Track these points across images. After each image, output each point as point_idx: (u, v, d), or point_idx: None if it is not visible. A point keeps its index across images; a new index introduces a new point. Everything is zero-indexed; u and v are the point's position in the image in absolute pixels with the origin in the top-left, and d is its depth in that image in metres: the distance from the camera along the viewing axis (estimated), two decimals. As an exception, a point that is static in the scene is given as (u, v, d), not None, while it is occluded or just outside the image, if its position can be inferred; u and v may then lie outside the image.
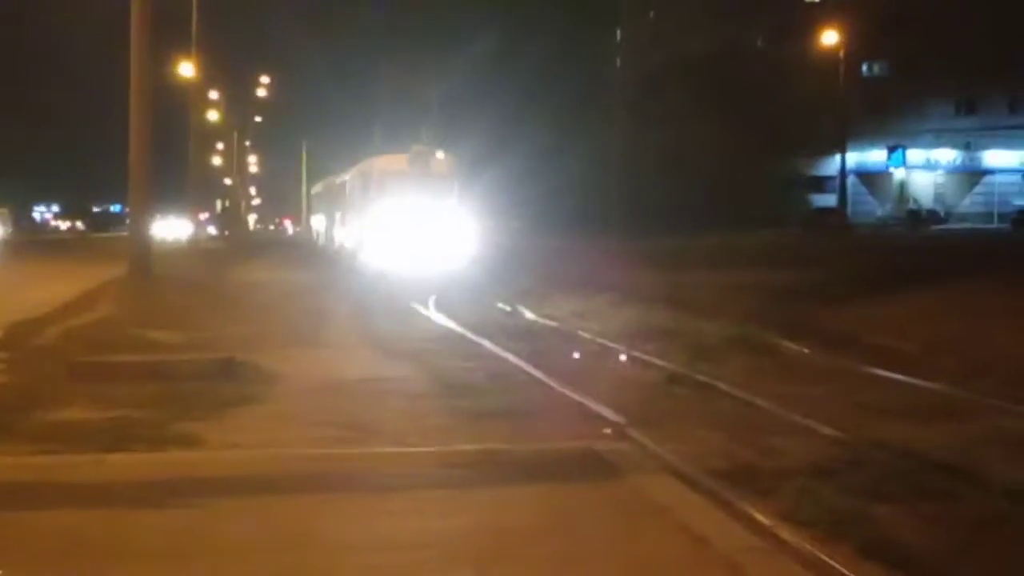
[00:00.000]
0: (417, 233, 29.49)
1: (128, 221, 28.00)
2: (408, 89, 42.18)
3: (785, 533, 7.25)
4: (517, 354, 15.67)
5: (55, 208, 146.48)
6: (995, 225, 70.20)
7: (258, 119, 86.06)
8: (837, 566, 6.68)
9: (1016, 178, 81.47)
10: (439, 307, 22.77)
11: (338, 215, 42.40)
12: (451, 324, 19.71)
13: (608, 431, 10.30)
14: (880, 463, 9.45)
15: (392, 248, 29.64)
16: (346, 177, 39.69)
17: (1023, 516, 8.05)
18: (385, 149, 35.52)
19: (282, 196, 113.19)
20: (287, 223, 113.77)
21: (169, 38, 39.69)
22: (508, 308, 23.44)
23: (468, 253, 29.96)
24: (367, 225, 31.93)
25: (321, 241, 52.34)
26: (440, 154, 32.16)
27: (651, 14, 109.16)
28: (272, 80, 77.65)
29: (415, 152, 31.31)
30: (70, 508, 7.00)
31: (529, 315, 22.54)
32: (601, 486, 7.81)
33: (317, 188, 59.23)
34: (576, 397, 12.20)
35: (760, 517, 7.56)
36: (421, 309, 22.68)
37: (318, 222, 56.09)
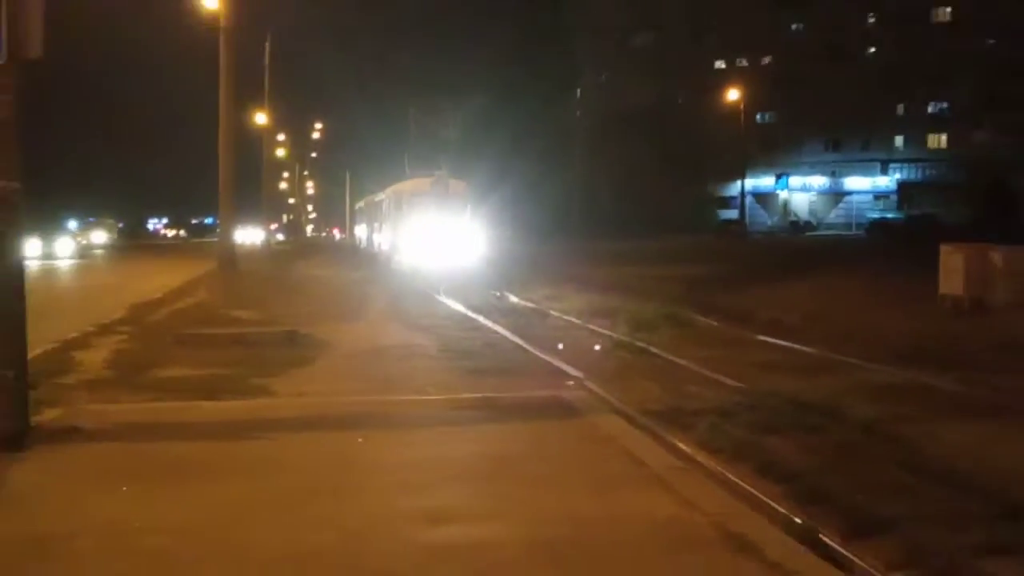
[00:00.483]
0: (437, 240, 29.13)
1: (218, 230, 28.20)
2: (430, 129, 39.86)
3: (700, 457, 7.28)
4: (504, 327, 15.68)
5: (164, 220, 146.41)
6: (853, 232, 70.26)
7: (313, 155, 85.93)
8: (738, 480, 6.70)
9: (868, 198, 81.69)
10: (449, 294, 22.46)
11: (376, 225, 41.14)
12: (458, 306, 19.67)
13: (571, 383, 10.34)
14: (770, 406, 9.46)
15: (419, 251, 29.31)
16: (383, 196, 38.39)
17: (871, 442, 8.09)
18: (413, 175, 34.28)
19: (331, 211, 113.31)
20: (335, 231, 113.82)
21: (249, 94, 39.50)
22: (499, 294, 23.36)
23: (475, 255, 29.43)
24: (400, 233, 31.36)
25: (363, 245, 49.78)
26: (455, 180, 31.53)
27: (602, 77, 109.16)
28: (324, 125, 77.57)
29: (437, 178, 30.79)
30: (177, 440, 7.03)
31: (513, 299, 22.51)
32: (566, 423, 7.84)
33: (360, 204, 56.11)
34: (547, 358, 12.26)
35: (681, 445, 7.59)
36: (436, 295, 22.39)
37: (360, 230, 53.41)
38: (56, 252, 38.61)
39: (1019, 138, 69.71)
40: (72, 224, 53.07)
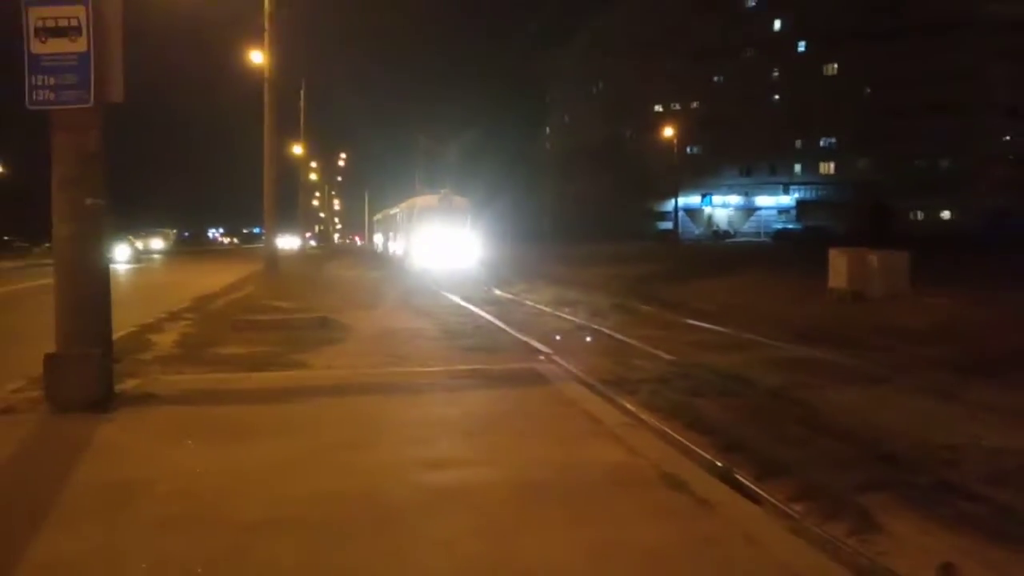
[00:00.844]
0: (443, 245, 28.49)
1: (263, 237, 28.17)
2: (436, 154, 40.50)
3: (643, 415, 7.31)
4: (489, 314, 15.65)
5: (221, 229, 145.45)
6: (762, 239, 70.56)
7: (339, 178, 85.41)
8: (672, 433, 6.75)
9: (774, 212, 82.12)
10: (448, 289, 22.04)
11: (391, 234, 39.71)
12: (454, 297, 19.58)
13: (542, 358, 10.35)
14: (697, 376, 9.52)
15: (428, 254, 28.74)
16: (397, 210, 37.08)
17: (776, 403, 8.16)
18: (422, 192, 33.54)
19: (353, 222, 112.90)
20: (356, 238, 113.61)
21: (288, 128, 39.39)
22: (487, 288, 23.34)
23: (473, 257, 28.98)
24: (412, 240, 30.34)
25: (379, 250, 48.15)
26: (458, 197, 30.73)
27: (565, 118, 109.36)
28: (348, 154, 77.13)
29: (443, 195, 30.15)
30: (231, 405, 7.00)
31: (497, 292, 22.50)
32: (538, 389, 7.85)
33: (378, 216, 53.87)
34: (523, 338, 12.26)
35: (629, 406, 7.62)
36: (437, 288, 22.09)
37: (378, 238, 51.15)
38: (115, 257, 37.42)
39: (890, 166, 70.29)
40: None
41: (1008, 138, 69.09)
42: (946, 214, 69.96)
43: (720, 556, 3.87)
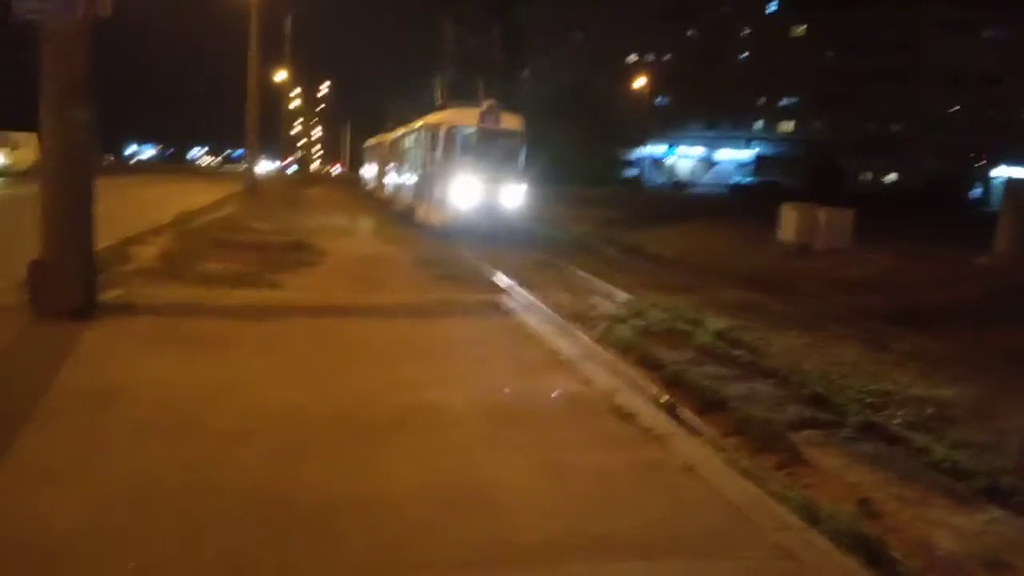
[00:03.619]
0: (485, 188, 17.49)
1: (245, 160, 27.26)
2: (467, 47, 22.12)
3: (599, 349, 7.39)
4: (467, 249, 15.41)
5: (205, 148, 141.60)
6: (720, 191, 70.83)
7: (322, 106, 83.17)
8: (625, 366, 6.86)
9: (733, 166, 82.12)
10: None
11: (393, 166, 26.52)
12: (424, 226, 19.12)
13: (506, 289, 10.29)
14: (650, 315, 9.63)
15: (459, 202, 17.51)
16: (406, 132, 23.92)
17: (720, 344, 8.30)
18: (450, 106, 19.74)
19: (334, 151, 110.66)
20: (338, 165, 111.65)
21: (272, 54, 38.08)
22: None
23: (519, 208, 18.11)
24: (434, 178, 18.35)
25: (371, 186, 35.31)
26: (509, 114, 18.49)
27: (547, 63, 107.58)
28: (332, 83, 75.02)
29: (487, 108, 18.01)
30: (211, 318, 6.95)
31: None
32: (502, 320, 7.89)
33: (370, 142, 38.94)
34: (490, 269, 12.13)
35: (586, 339, 7.69)
36: (393, 207, 21.52)
37: (369, 172, 37.55)
38: None
39: (844, 128, 70.51)
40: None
41: (956, 108, 69.46)
42: (892, 176, 70.61)
43: (661, 482, 3.99)
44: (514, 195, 17.61)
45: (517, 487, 3.75)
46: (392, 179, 26.69)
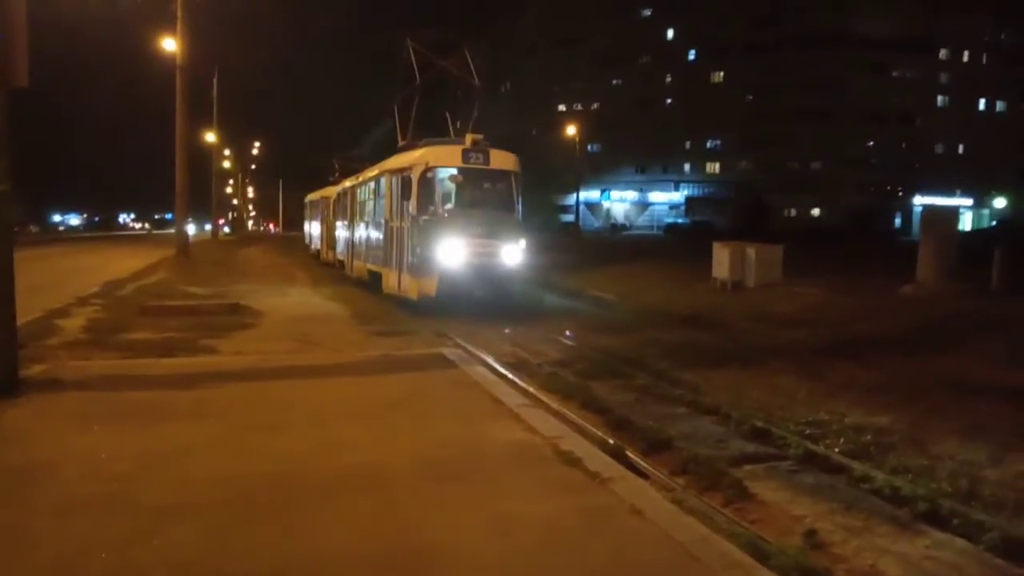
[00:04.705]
0: (477, 246, 13.26)
1: (175, 223, 26.61)
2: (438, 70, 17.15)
3: (542, 396, 7.38)
4: (398, 306, 15.29)
5: (132, 215, 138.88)
6: (655, 232, 72.21)
7: (253, 166, 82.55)
8: (568, 412, 6.85)
9: (665, 207, 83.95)
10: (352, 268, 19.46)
11: (345, 223, 22.11)
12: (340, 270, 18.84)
13: (449, 343, 10.25)
14: (593, 358, 9.68)
15: (447, 267, 13.11)
16: (361, 181, 19.54)
17: (662, 384, 8.37)
18: (405, 150, 16.02)
19: (268, 210, 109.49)
20: (271, 226, 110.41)
21: (201, 117, 37.76)
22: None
23: (520, 266, 13.72)
24: (407, 235, 13.96)
25: (315, 245, 31.13)
26: (500, 151, 14.29)
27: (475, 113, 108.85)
28: (262, 144, 74.66)
29: (475, 144, 13.98)
30: (139, 390, 6.70)
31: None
32: (445, 372, 7.82)
33: (312, 196, 34.12)
34: (433, 320, 12.06)
35: (530, 388, 7.68)
36: (347, 273, 20.03)
37: (314, 230, 32.53)
38: None
39: (768, 167, 73.00)
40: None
41: (871, 143, 72.71)
42: (816, 211, 73.18)
43: (607, 526, 3.95)
44: (513, 251, 13.37)
45: (462, 544, 3.67)
46: (344, 239, 21.81)
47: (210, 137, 41.25)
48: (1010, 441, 6.34)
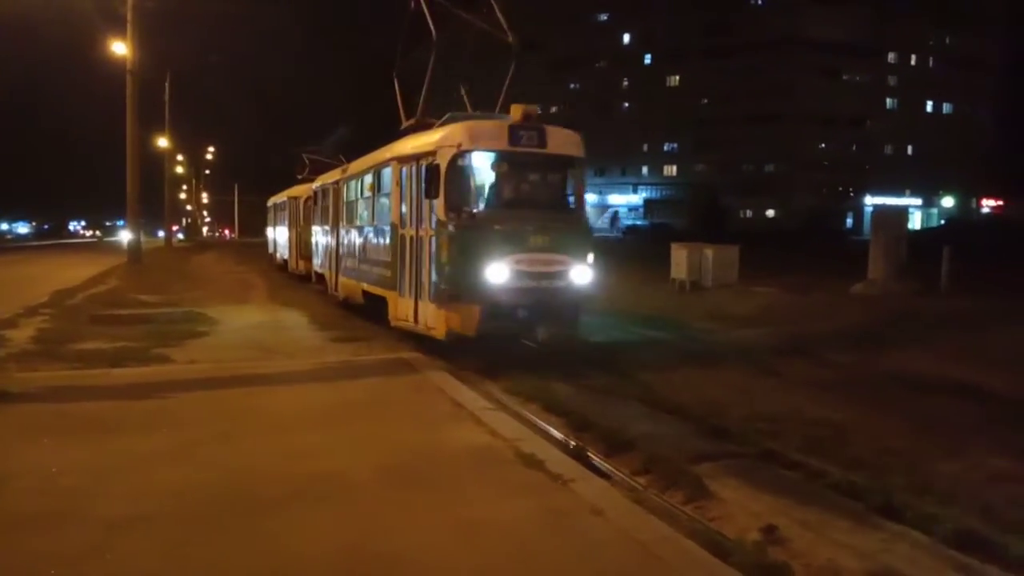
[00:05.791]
0: (533, 266, 9.14)
1: (128, 230, 26.06)
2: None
3: (504, 399, 7.38)
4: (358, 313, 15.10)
5: (83, 223, 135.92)
6: (615, 235, 72.79)
7: (207, 171, 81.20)
8: (529, 414, 6.85)
9: (625, 210, 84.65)
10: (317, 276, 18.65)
11: (323, 230, 17.22)
12: (319, 287, 18.61)
13: (410, 348, 10.07)
14: (555, 362, 9.65)
15: (490, 292, 8.93)
16: (351, 174, 14.32)
17: (623, 384, 8.39)
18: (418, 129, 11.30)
19: (223, 215, 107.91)
20: (226, 232, 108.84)
21: (152, 123, 37.06)
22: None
23: (590, 289, 9.70)
24: (428, 249, 9.50)
25: (282, 254, 26.29)
26: (559, 128, 9.98)
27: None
28: (216, 148, 73.41)
29: (526, 113, 9.52)
30: (90, 401, 6.56)
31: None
32: (406, 377, 7.79)
33: (277, 199, 28.27)
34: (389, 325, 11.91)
35: (493, 390, 7.67)
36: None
37: (279, 236, 27.39)
38: None
39: (723, 169, 74.12)
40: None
41: (823, 145, 74.23)
42: (771, 212, 74.47)
43: (570, 527, 3.96)
44: (581, 271, 9.39)
45: (424, 550, 3.64)
46: (325, 248, 16.78)
47: (162, 142, 40.49)
48: (961, 435, 6.51)
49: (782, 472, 5.71)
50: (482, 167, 9.77)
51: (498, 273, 8.92)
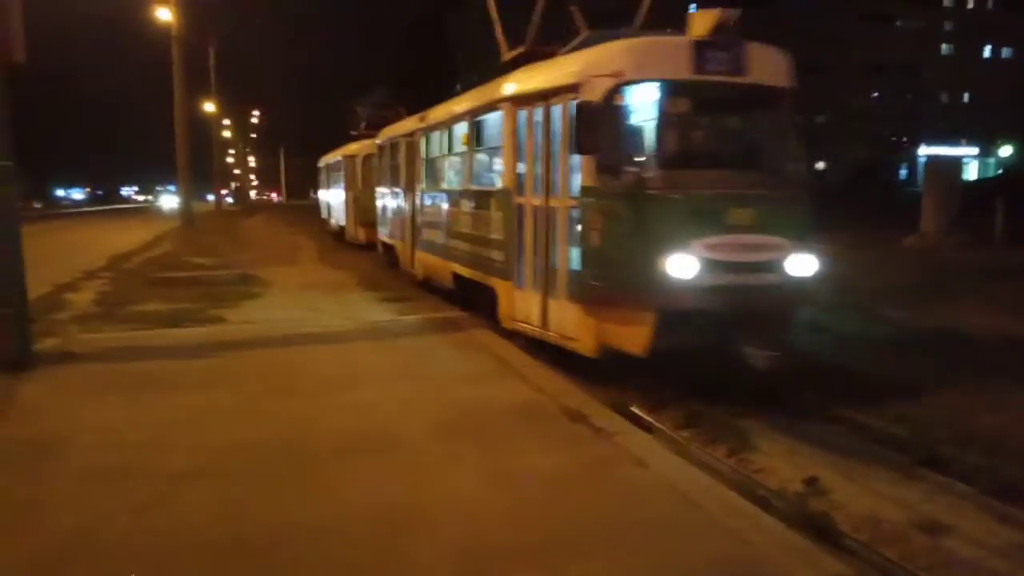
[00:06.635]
0: (738, 249, 5.89)
1: (179, 196, 26.62)
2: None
3: (542, 358, 7.42)
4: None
5: (135, 188, 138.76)
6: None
7: (253, 135, 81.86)
8: (561, 375, 6.89)
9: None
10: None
11: (388, 188, 14.53)
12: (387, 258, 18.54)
13: (456, 308, 10.14)
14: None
15: (683, 283, 5.72)
16: (446, 118, 10.24)
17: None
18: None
19: (271, 179, 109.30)
20: (273, 195, 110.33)
21: (198, 88, 37.47)
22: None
23: (816, 284, 6.28)
24: (576, 220, 6.41)
25: (337, 220, 23.13)
26: (762, 47, 6.49)
27: (475, 78, 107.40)
28: (261, 112, 73.77)
29: (719, 22, 6.10)
30: (151, 360, 6.81)
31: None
32: (454, 336, 7.89)
33: (334, 158, 23.57)
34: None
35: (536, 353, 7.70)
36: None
37: (333, 198, 24.09)
38: None
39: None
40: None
41: (876, 95, 71.92)
42: (820, 165, 72.62)
43: (611, 476, 4.05)
44: (800, 258, 6.20)
45: (470, 500, 3.76)
46: (397, 215, 13.90)
47: (209, 107, 40.98)
48: (1010, 387, 6.41)
49: (826, 427, 5.71)
50: (653, 107, 6.80)
51: (681, 264, 5.82)
